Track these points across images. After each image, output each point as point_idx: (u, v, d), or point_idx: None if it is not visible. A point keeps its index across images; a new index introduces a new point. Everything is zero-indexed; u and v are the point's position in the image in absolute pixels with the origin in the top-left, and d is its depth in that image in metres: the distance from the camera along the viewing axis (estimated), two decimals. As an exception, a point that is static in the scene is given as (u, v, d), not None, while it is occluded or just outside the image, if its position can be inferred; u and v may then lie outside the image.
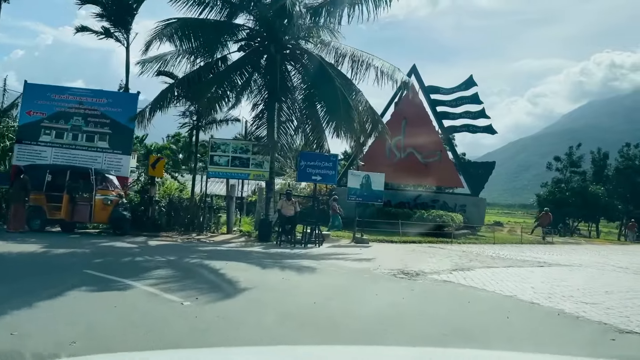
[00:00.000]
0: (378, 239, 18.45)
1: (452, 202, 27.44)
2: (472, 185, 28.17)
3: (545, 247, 22.36)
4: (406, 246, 17.43)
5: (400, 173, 27.57)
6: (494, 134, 28.64)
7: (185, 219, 17.18)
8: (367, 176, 17.62)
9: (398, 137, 28.08)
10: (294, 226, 14.84)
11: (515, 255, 16.49)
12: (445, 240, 20.07)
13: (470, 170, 28.52)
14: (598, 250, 22.99)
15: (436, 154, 28.05)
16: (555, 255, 17.88)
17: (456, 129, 28.73)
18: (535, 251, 19.03)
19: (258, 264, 10.66)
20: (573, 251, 20.98)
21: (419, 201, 27.34)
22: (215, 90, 16.29)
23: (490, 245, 20.99)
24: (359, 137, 18.57)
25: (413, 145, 27.93)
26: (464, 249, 17.66)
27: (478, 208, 27.48)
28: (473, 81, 28.41)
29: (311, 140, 18.36)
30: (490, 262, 13.33)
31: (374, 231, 20.45)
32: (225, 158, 16.97)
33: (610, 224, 50.46)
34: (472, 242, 21.08)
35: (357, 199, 17.42)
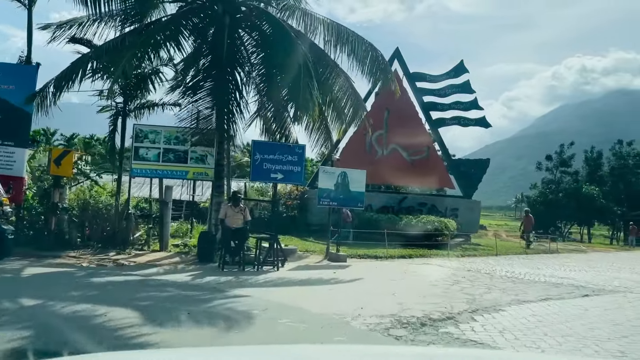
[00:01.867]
0: (358, 254, 14.55)
1: (442, 206, 23.77)
2: (464, 185, 24.55)
3: (554, 258, 18.80)
4: (394, 264, 13.57)
5: (382, 172, 23.80)
6: (487, 127, 25.12)
7: (104, 233, 12.97)
8: (344, 174, 13.69)
9: (380, 131, 24.31)
10: (242, 242, 10.78)
11: (533, 273, 12.78)
12: (441, 253, 16.29)
13: (462, 169, 24.87)
14: (614, 259, 19.59)
15: (423, 151, 24.35)
16: (578, 270, 14.25)
17: (446, 122, 25.06)
18: (550, 265, 15.39)
19: (156, 311, 6.51)
20: (590, 262, 17.46)
21: (404, 205, 23.59)
22: (141, 58, 12.12)
23: (493, 257, 17.31)
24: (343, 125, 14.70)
25: (397, 141, 24.20)
26: (467, 265, 13.89)
27: (472, 212, 23.85)
28: (464, 67, 24.84)
29: (274, 129, 14.35)
30: (516, 290, 9.53)
31: (353, 243, 16.56)
32: (154, 151, 12.83)
33: (598, 227, 47.75)
34: (472, 254, 17.36)
35: (330, 203, 13.48)
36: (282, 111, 13.70)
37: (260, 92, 14.01)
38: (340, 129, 15.14)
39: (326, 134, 14.90)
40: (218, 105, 12.91)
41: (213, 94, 12.82)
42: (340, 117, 13.78)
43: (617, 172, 41.19)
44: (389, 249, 16.61)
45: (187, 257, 12.44)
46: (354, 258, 14.04)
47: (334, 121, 14.30)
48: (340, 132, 13.85)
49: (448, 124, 25.14)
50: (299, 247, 15.93)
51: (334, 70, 13.13)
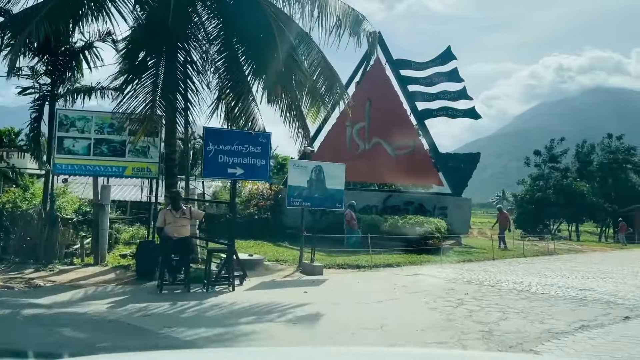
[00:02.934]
0: (337, 263, 12.31)
1: (429, 204, 21.71)
2: (453, 182, 22.53)
3: (556, 261, 16.85)
4: (381, 275, 11.36)
5: (365, 169, 21.64)
6: (477, 118, 23.15)
7: (24, 244, 10.48)
8: (319, 168, 11.38)
9: (361, 123, 22.16)
10: (185, 255, 8.43)
11: (545, 284, 10.71)
12: (433, 259, 14.15)
13: (451, 164, 22.82)
14: (619, 260, 17.73)
15: (409, 145, 22.26)
16: (591, 276, 12.22)
17: (433, 113, 22.99)
18: (556, 271, 13.37)
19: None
20: (597, 265, 15.51)
21: (389, 204, 21.47)
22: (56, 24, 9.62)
23: (491, 262, 15.25)
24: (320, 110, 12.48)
25: (380, 134, 22.05)
26: (465, 274, 11.76)
27: (462, 210, 21.83)
28: (451, 54, 22.79)
29: (235, 114, 12.00)
30: (538, 314, 7.40)
31: (331, 250, 14.32)
32: (83, 142, 10.36)
33: (585, 224, 46.41)
34: (467, 259, 15.27)
35: (303, 203, 11.16)
36: (245, 92, 11.36)
37: (219, 69, 11.64)
38: (316, 115, 12.93)
39: (301, 121, 12.65)
40: (166, 86, 10.49)
41: (159, 73, 10.40)
42: (316, 99, 11.51)
43: (607, 167, 39.81)
44: (374, 254, 14.43)
45: (127, 273, 10.03)
46: (332, 268, 11.80)
47: (309, 105, 12.07)
48: (314, 117, 11.59)
49: (435, 116, 23.06)
50: (270, 254, 13.66)
51: (304, 40, 10.87)
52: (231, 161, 9.77)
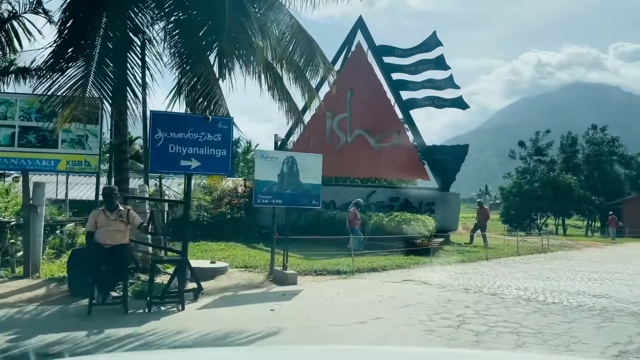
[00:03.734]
0: (314, 270, 10.76)
1: (416, 200, 20.32)
2: (441, 176, 21.16)
3: (554, 260, 15.59)
4: (364, 283, 9.82)
5: (347, 163, 20.17)
6: (465, 108, 21.72)
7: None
8: (291, 160, 9.77)
9: (343, 114, 20.65)
10: (121, 267, 6.78)
11: (553, 289, 9.35)
12: (422, 261, 12.68)
13: (438, 157, 21.42)
14: (619, 258, 16.57)
15: (393, 136, 20.81)
16: (600, 279, 10.92)
17: (418, 103, 21.55)
18: (560, 272, 12.05)
19: None
20: (599, 264, 14.26)
21: (372, 200, 20.00)
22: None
23: (485, 263, 13.89)
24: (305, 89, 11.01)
25: (363, 125, 20.57)
26: (460, 278, 10.33)
27: (450, 206, 20.45)
28: (437, 40, 21.36)
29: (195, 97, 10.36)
30: (560, 334, 5.97)
31: (309, 252, 12.81)
32: (5, 130, 8.65)
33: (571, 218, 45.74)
34: (459, 260, 13.86)
35: (273, 200, 9.56)
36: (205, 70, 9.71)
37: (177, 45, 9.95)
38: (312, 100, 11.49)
39: (289, 102, 11.08)
40: (104, 61, 8.78)
41: (95, 45, 8.68)
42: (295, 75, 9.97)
43: (593, 159, 39.04)
44: (356, 257, 12.94)
45: (60, 287, 8.32)
46: (308, 275, 10.25)
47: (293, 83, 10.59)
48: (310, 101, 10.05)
49: (421, 105, 21.63)
50: (240, 259, 12.06)
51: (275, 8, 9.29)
52: (185, 151, 8.13)
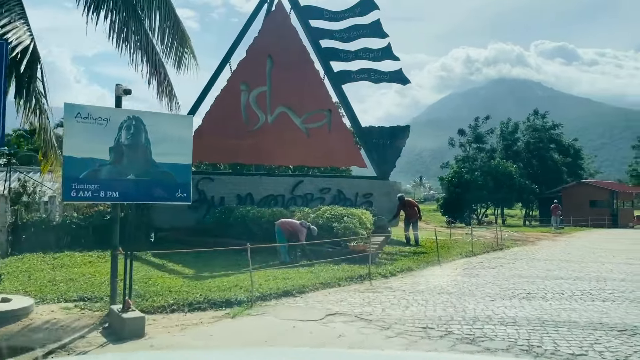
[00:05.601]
0: (186, 302, 6.91)
1: (350, 191, 16.98)
2: (379, 162, 17.97)
3: (517, 261, 12.75)
4: (260, 330, 6.00)
5: (267, 148, 16.44)
6: (406, 83, 18.55)
7: None
8: (136, 122, 5.76)
9: (261, 87, 16.84)
10: None
11: (559, 322, 6.15)
12: (358, 272, 9.20)
13: (375, 140, 18.17)
14: (587, 250, 14.07)
15: (323, 116, 17.31)
16: (603, 290, 7.98)
17: (352, 77, 18.14)
18: (540, 283, 9.04)
19: None
20: (574, 264, 11.50)
21: (299, 192, 16.43)
22: None
23: (439, 269, 10.67)
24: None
25: (286, 101, 16.90)
26: (416, 308, 6.94)
27: (390, 198, 17.24)
28: (372, 2, 18.05)
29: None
30: None
31: (209, 265, 9.04)
32: None
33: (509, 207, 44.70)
34: (405, 267, 10.50)
35: (100, 193, 5.52)
36: None
37: None
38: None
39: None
40: None
41: None
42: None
43: (532, 147, 37.77)
44: (268, 269, 9.33)
45: None
46: (173, 313, 6.39)
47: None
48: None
49: (355, 79, 18.22)
50: (96, 281, 8.00)
51: None
52: None
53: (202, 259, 10.85)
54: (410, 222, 15.99)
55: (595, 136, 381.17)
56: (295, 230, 11.07)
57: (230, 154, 16.77)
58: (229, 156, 17.13)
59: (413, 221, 16.01)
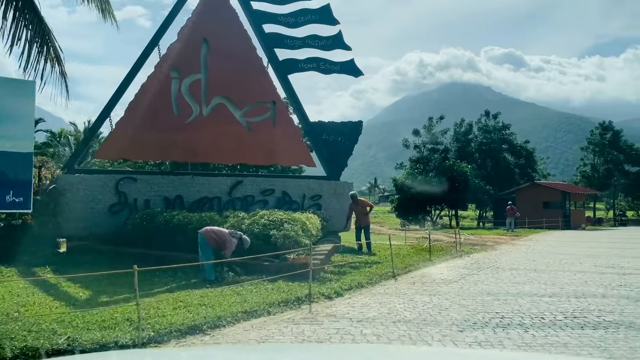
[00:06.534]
0: (64, 350, 4.93)
1: (297, 193, 15.21)
2: (329, 161, 16.31)
3: (481, 271, 11.37)
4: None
5: (201, 143, 14.47)
6: (358, 75, 16.97)
7: None
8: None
9: (195, 75, 14.82)
10: None
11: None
12: (295, 293, 7.44)
13: (325, 136, 16.50)
14: (551, 258, 12.93)
15: (267, 108, 15.45)
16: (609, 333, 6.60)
17: (299, 66, 16.38)
18: (513, 303, 7.60)
19: None
20: (542, 276, 10.21)
21: (237, 194, 14.51)
22: None
23: (394, 287, 9.05)
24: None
25: (224, 91, 14.95)
26: (362, 338, 5.25)
27: (341, 200, 15.60)
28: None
29: None
30: None
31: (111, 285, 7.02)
32: None
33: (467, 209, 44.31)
34: (356, 285, 8.81)
35: None
36: None
37: None
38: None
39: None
40: None
41: None
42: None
43: (486, 147, 37.31)
44: (184, 291, 7.44)
45: None
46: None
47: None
48: None
49: (303, 69, 16.48)
50: None
51: None
52: None
53: (109, 277, 8.76)
54: (362, 229, 14.40)
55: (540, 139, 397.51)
56: (223, 240, 9.18)
57: (158, 151, 14.66)
58: (157, 153, 15.02)
59: (365, 226, 14.44)
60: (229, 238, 9.21)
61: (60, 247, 12.83)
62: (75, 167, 14.13)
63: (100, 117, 14.09)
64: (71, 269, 9.79)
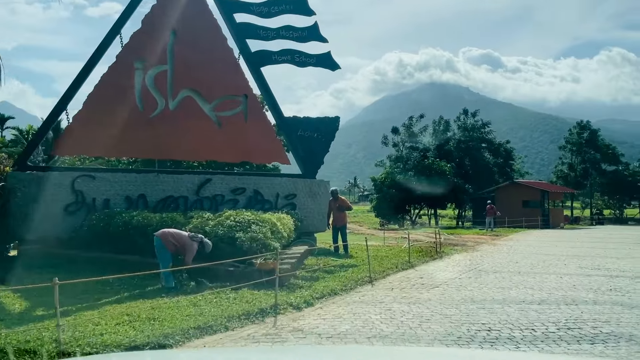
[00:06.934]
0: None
1: (270, 192, 14.37)
2: (305, 159, 15.51)
3: (462, 272, 10.75)
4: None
5: (166, 139, 13.53)
6: (335, 68, 16.18)
7: None
8: None
9: (161, 66, 13.86)
10: None
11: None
12: (259, 304, 6.64)
13: (301, 132, 15.69)
14: (535, 259, 12.41)
15: (238, 102, 14.58)
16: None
17: (273, 58, 15.52)
18: (500, 312, 6.95)
19: None
20: (528, 280, 9.64)
21: (206, 193, 13.61)
22: None
23: (370, 294, 8.33)
24: None
25: (192, 84, 14.02)
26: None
27: (318, 199, 14.84)
28: (297, -26, 15.56)
29: None
30: None
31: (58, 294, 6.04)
32: None
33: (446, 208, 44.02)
34: (328, 292, 8.05)
35: None
36: None
37: None
38: None
39: None
40: None
41: None
42: None
43: (464, 145, 37.02)
44: (134, 302, 6.61)
45: None
46: None
47: None
48: None
49: (277, 61, 15.61)
50: None
51: None
52: None
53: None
54: (338, 230, 13.67)
55: (517, 139, 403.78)
56: (182, 244, 8.33)
57: (120, 147, 13.65)
58: (118, 149, 14.00)
59: (341, 227, 13.71)
60: (188, 242, 8.36)
61: (10, 251, 11.77)
62: (27, 164, 13.05)
63: (55, 111, 13.04)
64: (18, 276, 8.85)
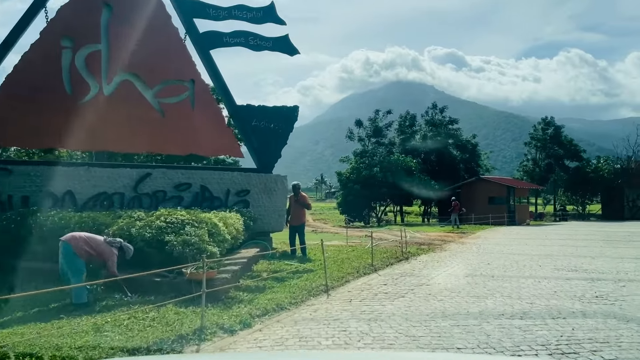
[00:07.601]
0: None
1: (220, 187, 12.91)
2: (260, 151, 14.08)
3: (432, 278, 9.64)
4: None
5: (101, 128, 11.91)
6: (294, 53, 14.82)
7: None
8: None
9: (94, 45, 12.19)
10: None
11: None
12: (186, 330, 5.28)
13: (255, 123, 14.24)
14: (507, 259, 11.47)
15: (184, 88, 13.03)
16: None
17: (224, 40, 13.99)
18: (459, 313, 5.80)
19: None
20: (505, 284, 8.61)
21: (145, 189, 12.06)
22: None
23: (324, 306, 7.06)
24: None
25: (131, 67, 12.41)
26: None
27: (274, 196, 13.44)
28: (251, -52, 14.09)
29: None
30: None
31: None
32: None
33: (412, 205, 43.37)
34: (273, 306, 6.74)
35: None
36: None
37: None
38: None
39: None
40: None
41: None
42: None
43: (431, 141, 36.36)
44: (29, 325, 5.10)
45: None
46: None
47: None
48: None
49: (228, 44, 14.08)
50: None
51: None
52: None
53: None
54: (296, 229, 12.39)
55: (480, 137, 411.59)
56: (100, 252, 6.85)
57: (45, 137, 11.93)
58: (43, 140, 12.25)
59: (299, 226, 12.44)
60: (106, 248, 6.89)
61: None
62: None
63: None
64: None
